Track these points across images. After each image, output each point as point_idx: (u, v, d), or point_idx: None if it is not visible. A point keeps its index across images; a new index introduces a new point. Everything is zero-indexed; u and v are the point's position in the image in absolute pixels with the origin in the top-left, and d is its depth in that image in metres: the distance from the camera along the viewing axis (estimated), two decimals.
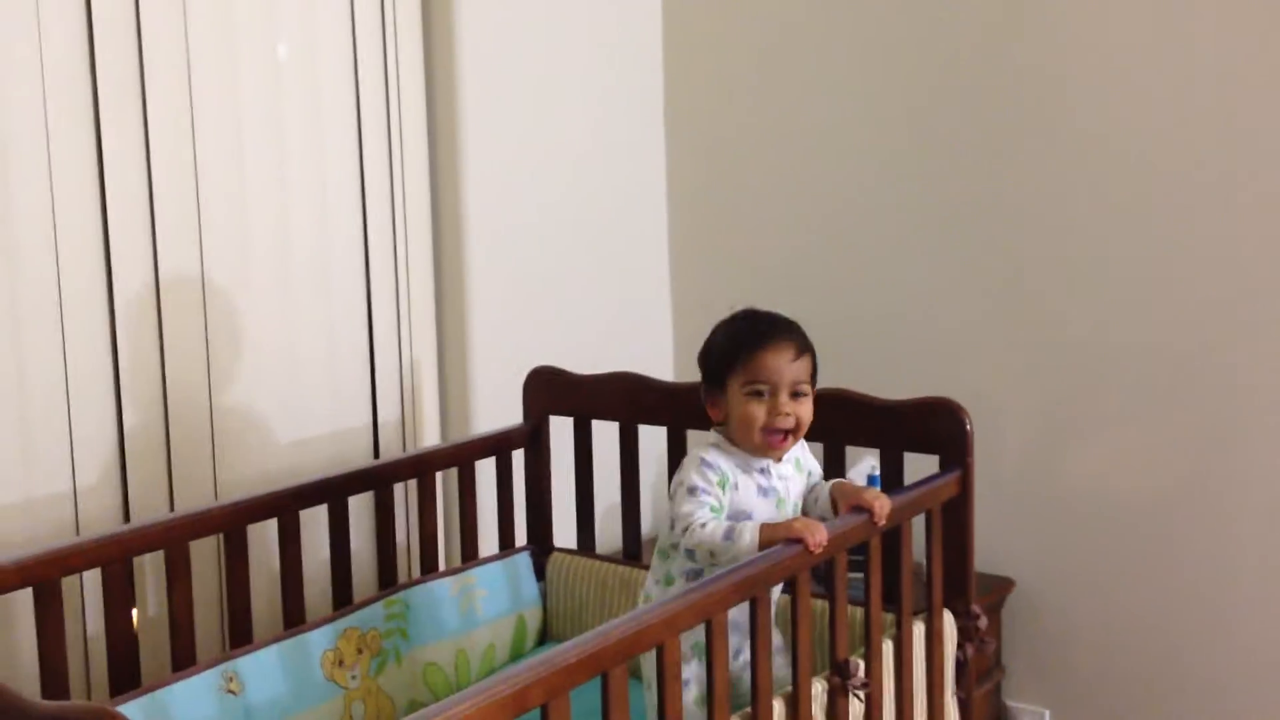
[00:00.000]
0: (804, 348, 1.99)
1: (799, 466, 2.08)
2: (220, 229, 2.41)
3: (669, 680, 1.63)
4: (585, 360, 2.66)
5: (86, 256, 2.22)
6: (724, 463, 1.98)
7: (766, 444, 1.97)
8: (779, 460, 2.03)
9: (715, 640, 1.71)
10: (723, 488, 1.96)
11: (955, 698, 2.27)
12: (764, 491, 2.00)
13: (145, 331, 2.30)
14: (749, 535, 1.88)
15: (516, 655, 2.57)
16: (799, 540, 1.85)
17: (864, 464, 2.77)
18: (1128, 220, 2.71)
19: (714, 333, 2.06)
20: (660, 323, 3.32)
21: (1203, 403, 2.67)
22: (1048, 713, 2.93)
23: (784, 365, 1.95)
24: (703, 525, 1.91)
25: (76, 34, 2.18)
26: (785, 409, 1.94)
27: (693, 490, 1.95)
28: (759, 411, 1.94)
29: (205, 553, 2.28)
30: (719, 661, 1.72)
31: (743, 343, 1.97)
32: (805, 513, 2.06)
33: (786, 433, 1.96)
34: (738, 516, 1.96)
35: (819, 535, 1.86)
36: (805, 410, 1.98)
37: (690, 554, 1.94)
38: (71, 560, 1.93)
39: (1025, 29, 2.78)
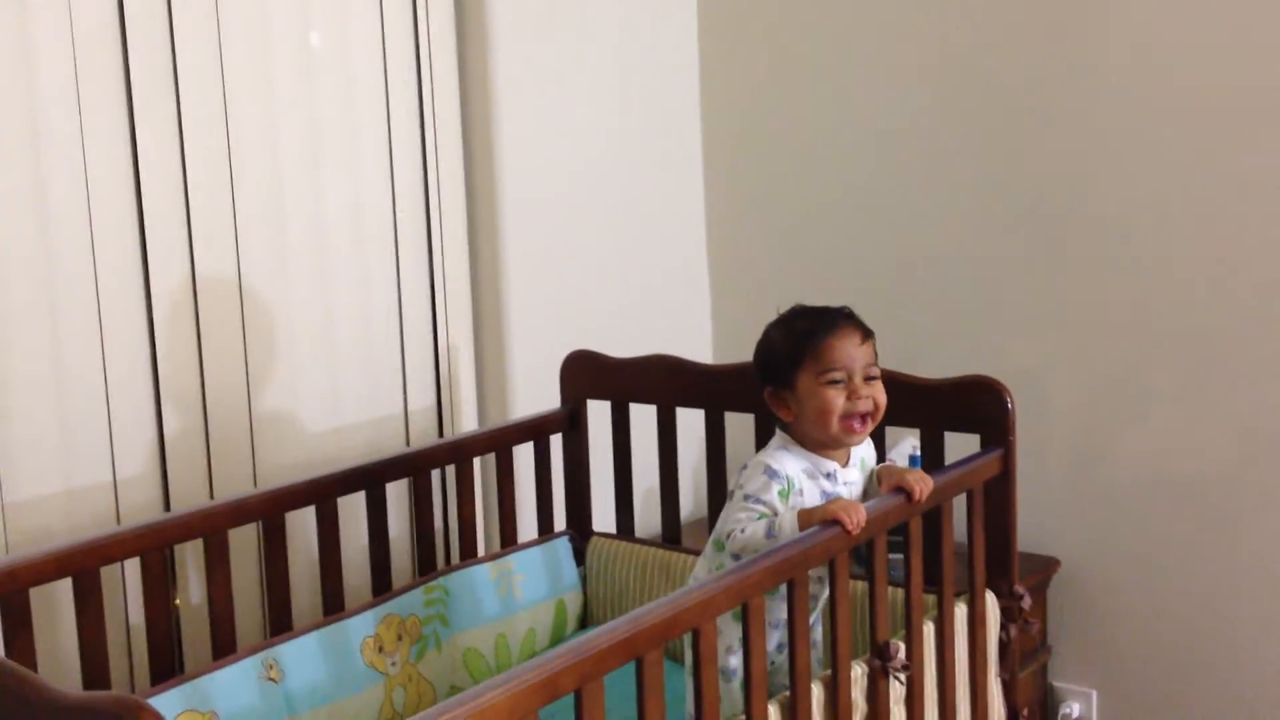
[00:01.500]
0: (868, 332, 1.99)
1: (864, 468, 2.06)
2: (255, 219, 2.41)
3: (705, 664, 1.62)
4: (623, 343, 2.65)
5: (124, 247, 2.23)
6: (791, 468, 1.97)
7: (845, 430, 1.95)
8: (846, 463, 2.01)
9: (752, 623, 1.70)
10: (784, 497, 1.95)
11: (999, 679, 2.25)
12: (827, 497, 1.98)
13: (183, 324, 2.31)
14: (789, 526, 1.86)
15: (557, 640, 2.57)
16: (837, 522, 1.83)
17: (905, 444, 2.74)
18: (1178, 199, 2.65)
19: (769, 333, 2.05)
20: (698, 305, 3.30)
21: (1252, 382, 2.62)
22: (1094, 693, 2.89)
23: (854, 350, 1.95)
24: (743, 531, 1.90)
25: (109, 29, 2.18)
26: (863, 392, 1.94)
27: (747, 497, 1.95)
28: (838, 399, 1.93)
29: (245, 541, 2.30)
30: (756, 645, 1.70)
31: (809, 334, 1.97)
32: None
33: (865, 416, 1.95)
34: None
35: (857, 516, 1.84)
36: (880, 393, 1.98)
37: (737, 558, 1.93)
38: (110, 550, 1.93)
39: (1083, 6, 2.72)
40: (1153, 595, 2.79)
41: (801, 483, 1.97)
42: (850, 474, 2.02)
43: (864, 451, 2.06)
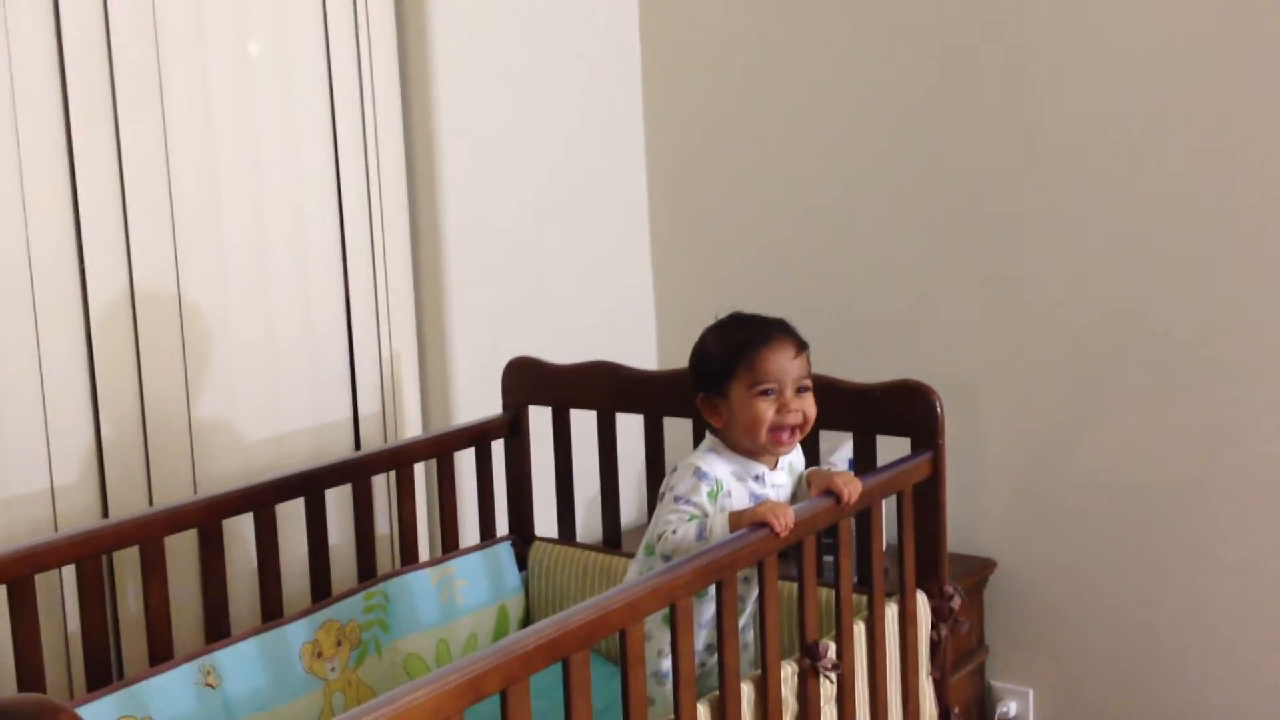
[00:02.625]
0: (802, 345, 2.03)
1: (791, 471, 2.10)
2: (195, 224, 2.41)
3: (632, 665, 1.64)
4: (568, 350, 2.67)
5: (60, 254, 2.22)
6: (720, 469, 2.00)
7: (773, 441, 1.99)
8: (774, 466, 2.04)
9: (680, 624, 1.72)
10: (713, 498, 1.98)
11: (930, 678, 2.28)
12: (755, 499, 2.01)
13: (120, 331, 2.31)
14: (719, 528, 1.90)
15: None
16: (765, 524, 1.86)
17: (845, 449, 2.77)
18: (1118, 203, 2.69)
19: (704, 340, 2.08)
20: (643, 312, 3.33)
21: (1190, 389, 2.66)
22: (1031, 692, 2.94)
23: (787, 363, 1.98)
24: (674, 532, 1.93)
25: (45, 36, 2.19)
26: (793, 405, 1.97)
27: (677, 499, 1.98)
28: (768, 410, 1.97)
29: (184, 548, 2.30)
30: (684, 646, 1.73)
31: (744, 344, 1.99)
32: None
33: (793, 429, 1.99)
34: None
35: (785, 518, 1.87)
36: (810, 406, 2.01)
37: (667, 559, 1.96)
38: (45, 557, 1.94)
39: (1016, 14, 2.77)
40: (1087, 596, 2.83)
41: (730, 484, 2.00)
42: (778, 477, 2.06)
43: (791, 456, 2.10)
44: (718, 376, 2.02)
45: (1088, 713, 2.88)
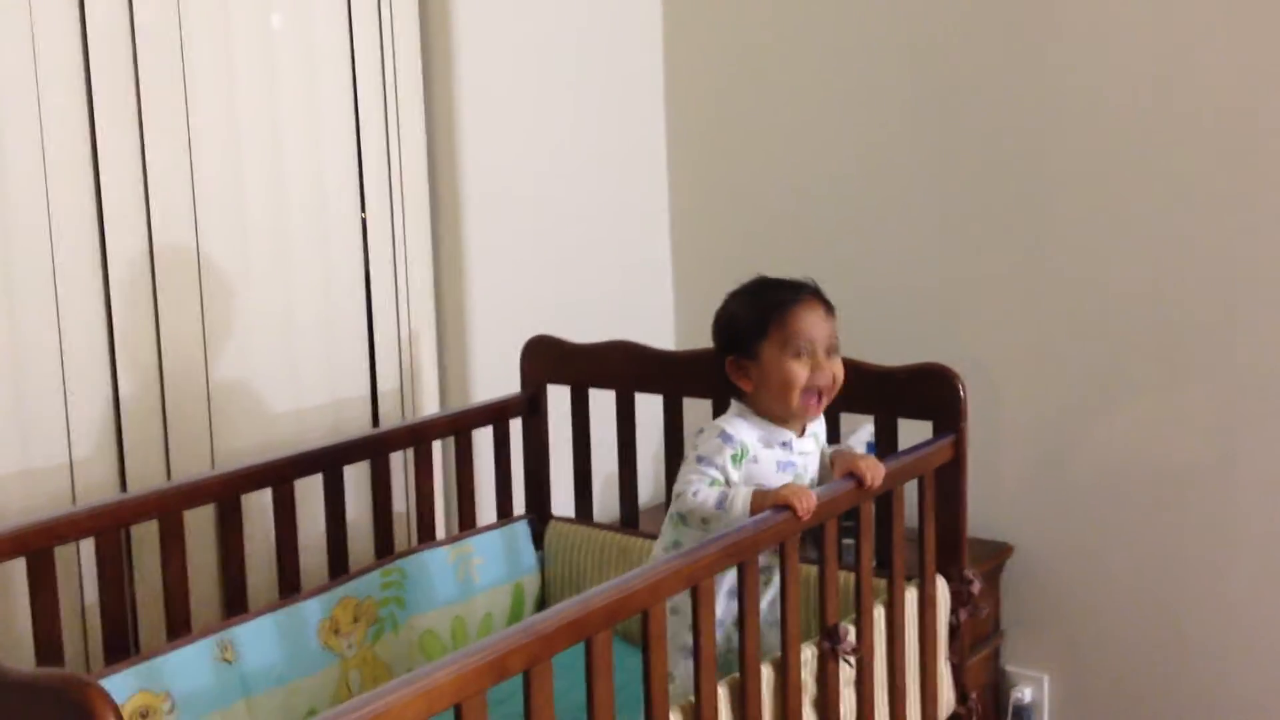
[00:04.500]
0: (831, 307, 2.02)
1: (817, 440, 2.08)
2: (215, 197, 2.40)
3: (654, 645, 1.64)
4: (586, 329, 2.65)
5: (80, 227, 2.21)
6: (747, 434, 1.99)
7: (804, 405, 1.98)
8: (801, 434, 2.03)
9: (701, 606, 1.72)
10: (737, 461, 1.97)
11: (949, 662, 2.28)
12: (783, 466, 2.00)
13: (140, 302, 2.30)
14: (740, 503, 1.89)
15: (514, 623, 2.58)
16: (788, 506, 1.85)
17: (864, 431, 2.76)
18: (1138, 185, 2.67)
19: (731, 303, 2.06)
20: (661, 291, 3.31)
21: (1209, 373, 2.65)
22: (1046, 677, 2.93)
23: (819, 323, 1.98)
24: (695, 493, 1.92)
25: (67, 1, 2.17)
26: (825, 366, 1.97)
27: (700, 460, 1.97)
28: (801, 371, 1.96)
29: (202, 523, 2.29)
30: (705, 628, 1.72)
31: (777, 305, 1.98)
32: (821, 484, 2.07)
33: (822, 392, 1.98)
34: None
35: (808, 501, 1.86)
36: (840, 369, 2.00)
37: (683, 519, 1.95)
38: (64, 530, 1.93)
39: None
40: (1104, 581, 2.82)
41: (756, 450, 1.98)
42: (805, 444, 2.04)
43: (816, 426, 2.09)
44: (749, 338, 2.00)
45: (1103, 698, 2.87)
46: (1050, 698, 2.93)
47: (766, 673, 1.86)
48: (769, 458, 1.99)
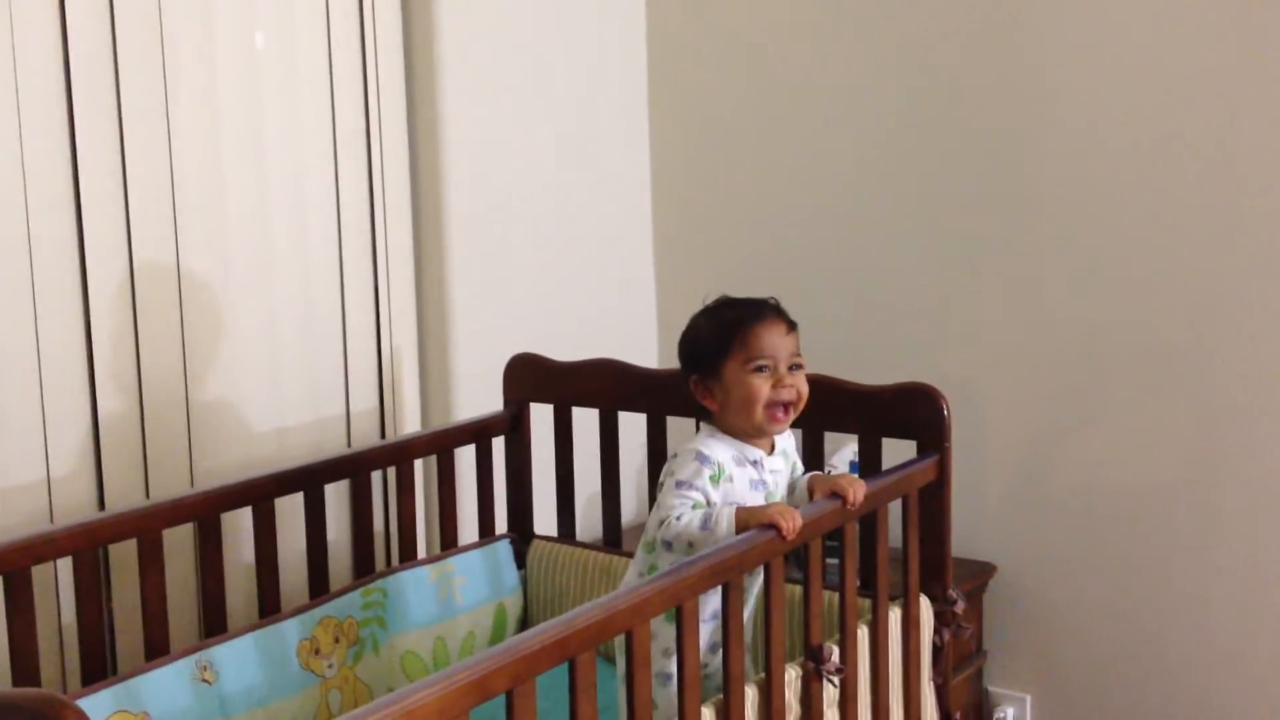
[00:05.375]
0: (792, 323, 2.03)
1: (786, 458, 2.08)
2: (196, 215, 2.38)
3: (638, 667, 1.63)
4: (569, 347, 2.65)
5: (60, 245, 2.20)
6: (721, 454, 1.99)
7: (769, 419, 1.98)
8: (771, 451, 2.03)
9: (686, 627, 1.71)
10: (715, 482, 1.97)
11: (931, 683, 2.27)
12: (754, 485, 2.01)
13: (120, 320, 2.28)
14: (725, 522, 1.88)
15: (497, 643, 2.55)
16: (773, 526, 1.84)
17: (846, 450, 2.76)
18: (1119, 208, 2.68)
19: (695, 323, 2.08)
20: (644, 310, 3.31)
21: (1190, 394, 2.65)
22: (1029, 698, 2.92)
23: (780, 339, 1.98)
24: (678, 518, 1.91)
25: (49, 17, 2.16)
26: (787, 381, 1.97)
27: (679, 485, 1.96)
28: (763, 386, 1.96)
29: (181, 542, 2.27)
30: (689, 646, 1.71)
31: (736, 323, 1.99)
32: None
33: (787, 406, 1.97)
34: None
35: (793, 521, 1.85)
36: (803, 383, 2.00)
37: (669, 545, 1.94)
38: (41, 549, 1.91)
39: (1018, 13, 2.76)
40: (1088, 601, 2.82)
41: (730, 469, 1.98)
42: (775, 462, 2.05)
43: (785, 443, 2.09)
44: (711, 357, 2.01)
45: (1086, 718, 2.86)
46: (1033, 718, 2.93)
47: (751, 694, 1.84)
48: (742, 476, 2.00)
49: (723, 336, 1.99)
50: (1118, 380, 2.73)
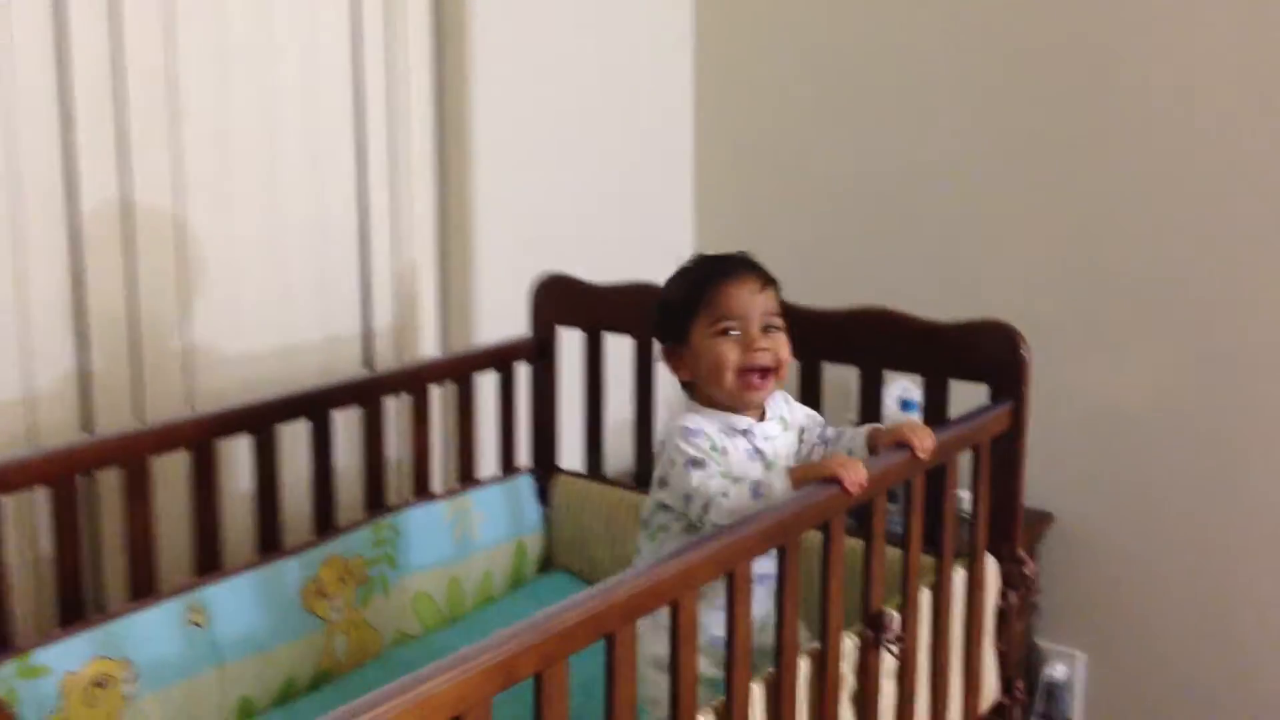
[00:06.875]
0: (768, 279, 1.79)
1: (785, 424, 1.85)
2: (200, 112, 2.18)
3: (683, 642, 1.42)
4: (604, 268, 2.46)
5: (53, 147, 2.00)
6: (707, 427, 1.76)
7: (743, 387, 1.75)
8: (760, 418, 1.81)
9: (738, 595, 1.50)
10: (714, 453, 1.75)
11: (995, 650, 2.07)
12: (751, 455, 1.78)
13: (112, 224, 2.08)
14: (779, 485, 1.66)
15: (515, 584, 2.41)
16: (835, 480, 1.63)
17: (894, 386, 2.55)
18: (1200, 159, 2.49)
19: (666, 286, 1.87)
20: (682, 231, 3.11)
21: (1260, 334, 2.46)
22: (1083, 656, 2.75)
23: (750, 297, 1.76)
24: (725, 496, 1.67)
25: None
26: (760, 344, 1.74)
27: (693, 462, 1.72)
28: (730, 351, 1.74)
29: (174, 471, 2.08)
30: (740, 618, 1.51)
31: (701, 282, 1.78)
32: None
33: (765, 371, 1.75)
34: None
35: (857, 474, 1.64)
36: (783, 346, 1.77)
37: (692, 527, 1.72)
38: (14, 476, 1.74)
39: None
40: (1151, 559, 2.64)
41: (722, 440, 1.76)
42: (769, 428, 1.81)
43: (779, 408, 1.85)
44: (678, 322, 1.79)
45: (1142, 682, 2.69)
46: (1086, 677, 2.76)
47: (804, 665, 1.65)
48: (735, 447, 1.77)
49: (689, 298, 1.78)
50: (1181, 322, 2.55)
